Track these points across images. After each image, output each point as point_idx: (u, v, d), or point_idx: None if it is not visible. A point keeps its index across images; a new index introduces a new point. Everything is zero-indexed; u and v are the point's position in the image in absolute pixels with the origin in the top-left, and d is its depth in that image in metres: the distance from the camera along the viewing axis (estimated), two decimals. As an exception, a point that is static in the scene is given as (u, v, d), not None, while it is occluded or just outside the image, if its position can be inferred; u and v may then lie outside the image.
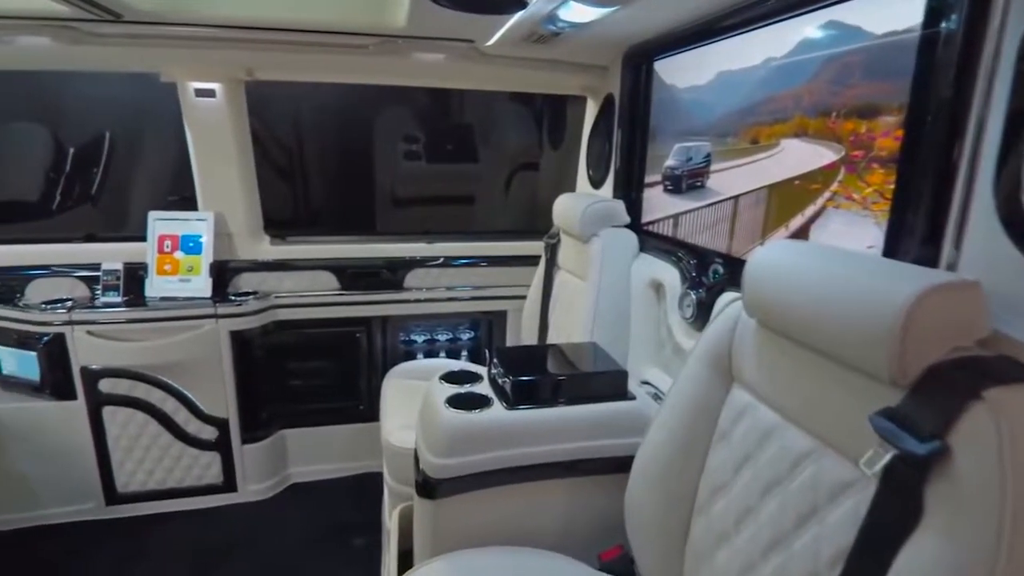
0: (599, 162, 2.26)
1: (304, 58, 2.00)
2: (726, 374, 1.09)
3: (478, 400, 1.36)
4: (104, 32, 1.75)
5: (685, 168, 1.72)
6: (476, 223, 3.24)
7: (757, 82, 1.40)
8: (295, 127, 2.92)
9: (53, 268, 2.19)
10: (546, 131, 3.08)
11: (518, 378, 1.35)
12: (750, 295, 0.98)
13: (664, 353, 1.73)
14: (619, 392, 1.40)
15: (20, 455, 2.12)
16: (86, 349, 2.08)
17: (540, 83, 2.37)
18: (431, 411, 1.34)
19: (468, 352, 2.66)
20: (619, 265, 1.84)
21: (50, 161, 2.67)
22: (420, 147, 3.12)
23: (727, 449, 1.06)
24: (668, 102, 1.84)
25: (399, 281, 2.47)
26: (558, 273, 2.17)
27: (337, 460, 2.52)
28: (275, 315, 2.33)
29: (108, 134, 2.67)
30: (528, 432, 1.31)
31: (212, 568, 2.03)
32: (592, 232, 1.88)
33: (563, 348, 1.58)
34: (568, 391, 1.37)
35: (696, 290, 1.54)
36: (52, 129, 2.62)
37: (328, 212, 3.12)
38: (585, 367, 1.48)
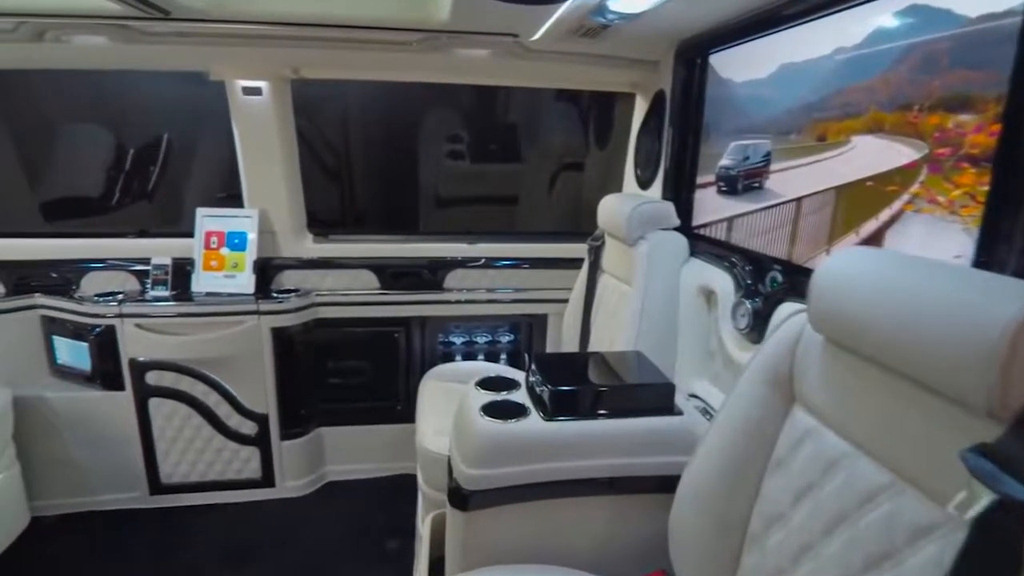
0: (647, 162, 2.16)
1: (348, 56, 1.98)
2: (786, 394, 0.99)
3: (514, 409, 1.29)
4: (156, 31, 1.78)
5: (741, 168, 1.61)
6: (519, 224, 3.19)
7: (825, 74, 1.29)
8: (341, 126, 2.94)
9: (108, 261, 2.25)
10: (592, 130, 2.99)
11: (557, 387, 1.28)
12: (818, 307, 0.88)
13: (714, 365, 1.62)
14: (665, 406, 1.31)
15: (72, 442, 2.19)
16: (134, 342, 2.13)
17: (587, 79, 2.30)
18: (465, 419, 1.29)
19: (507, 355, 2.60)
20: (667, 270, 1.74)
21: (112, 160, 2.77)
22: (464, 147, 3.09)
23: (785, 476, 0.97)
24: (724, 98, 1.73)
25: (439, 281, 2.43)
26: (602, 277, 2.09)
27: (374, 460, 2.51)
28: (316, 313, 2.33)
29: (166, 135, 2.75)
30: (566, 445, 1.24)
31: (247, 562, 2.04)
32: (639, 235, 1.79)
33: (606, 357, 1.50)
34: (610, 403, 1.29)
35: (752, 299, 1.44)
36: (115, 131, 2.72)
37: (372, 211, 3.13)
38: (629, 378, 1.40)
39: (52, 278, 2.21)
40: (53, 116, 2.68)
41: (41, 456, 2.15)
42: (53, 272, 2.21)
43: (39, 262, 2.21)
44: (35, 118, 2.67)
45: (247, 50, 1.92)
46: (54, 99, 2.65)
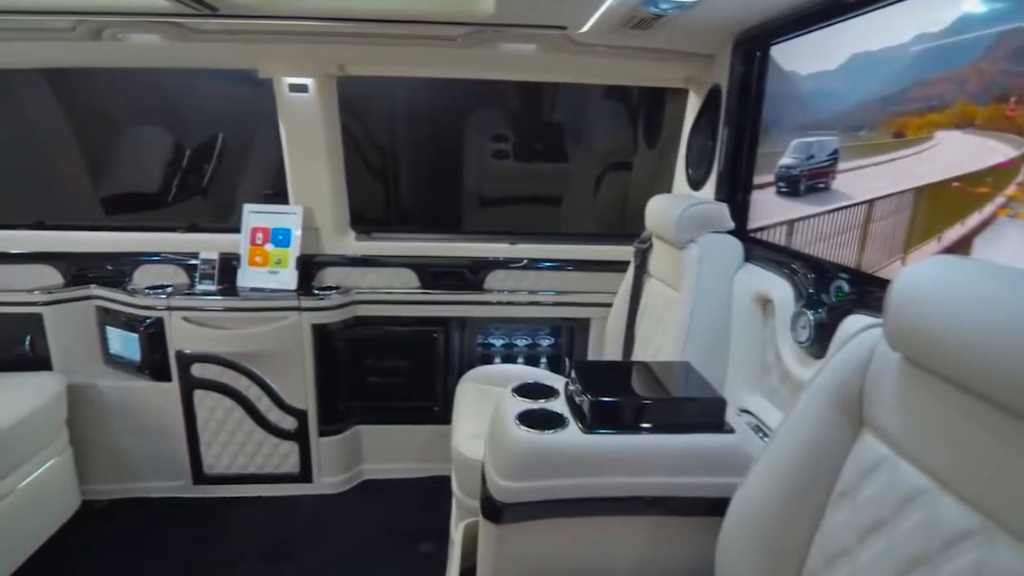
0: (700, 161, 2.05)
1: (393, 52, 1.96)
2: (854, 417, 0.89)
3: (552, 419, 1.23)
4: (206, 28, 1.81)
5: (805, 167, 1.49)
6: (562, 225, 3.11)
7: (905, 63, 1.16)
8: (387, 125, 2.93)
9: (160, 255, 2.31)
10: (641, 128, 2.88)
11: (598, 398, 1.21)
12: (897, 323, 0.78)
13: (769, 380, 1.51)
14: (715, 423, 1.22)
15: (121, 430, 2.26)
16: (181, 334, 2.18)
17: (637, 74, 2.20)
18: (500, 428, 1.23)
19: (547, 360, 2.53)
20: (720, 276, 1.64)
21: (170, 158, 2.85)
22: (509, 146, 3.04)
23: (851, 509, 0.87)
24: (786, 92, 1.61)
25: (479, 282, 2.39)
26: (648, 281, 1.99)
27: (410, 460, 2.49)
28: (356, 311, 2.33)
29: (221, 135, 2.82)
30: (606, 460, 1.16)
31: (282, 558, 2.05)
32: (689, 237, 1.69)
33: (651, 366, 1.42)
34: (655, 417, 1.21)
35: (814, 310, 1.32)
36: (174, 131, 2.81)
37: (415, 210, 3.12)
38: (676, 390, 1.31)
39: (107, 270, 2.28)
40: (116, 116, 2.78)
41: (92, 442, 2.22)
42: (109, 264, 2.29)
43: (96, 254, 2.29)
44: (99, 118, 2.77)
45: (293, 47, 1.93)
46: (117, 100, 2.75)
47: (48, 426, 2.02)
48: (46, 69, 2.48)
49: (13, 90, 2.55)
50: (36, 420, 1.94)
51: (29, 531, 1.91)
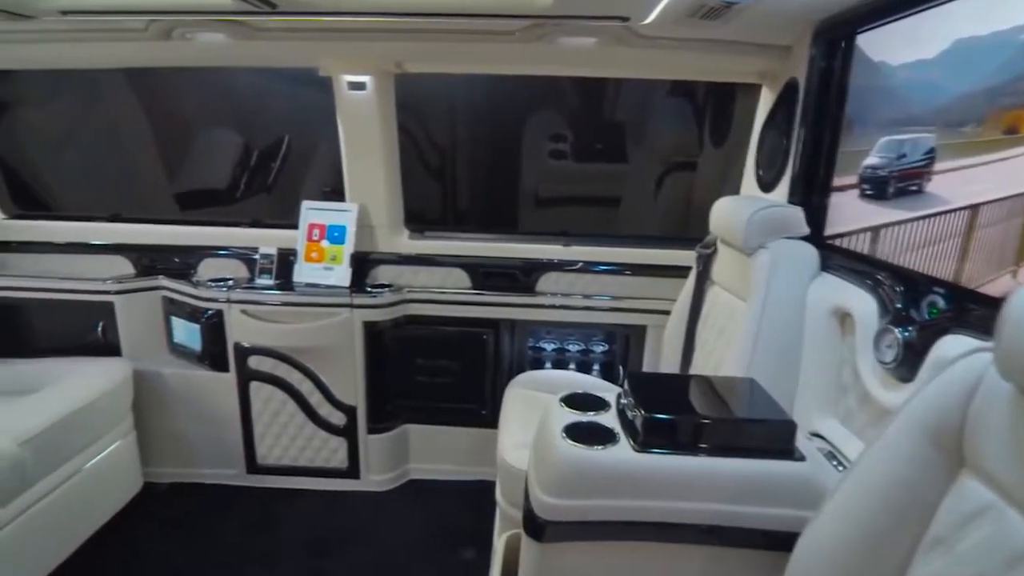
0: (772, 161, 1.91)
1: (450, 47, 1.93)
2: (953, 455, 0.77)
3: (602, 434, 1.15)
4: (268, 27, 1.83)
5: (895, 167, 1.34)
6: (620, 227, 3.01)
7: (1018, 50, 1.01)
8: (443, 124, 2.92)
9: (227, 249, 2.38)
10: (708, 126, 2.74)
11: (653, 414, 1.12)
12: (1013, 348, 0.66)
13: (846, 402, 1.37)
14: (783, 448, 1.11)
15: (182, 417, 2.34)
16: (240, 327, 2.23)
17: (705, 69, 2.08)
18: (546, 440, 1.16)
19: (600, 367, 2.44)
20: (792, 285, 1.50)
21: (240, 157, 2.96)
22: (566, 146, 2.96)
23: (946, 560, 0.75)
24: (873, 85, 1.46)
25: (531, 284, 2.33)
26: (711, 289, 1.87)
27: (457, 463, 2.46)
28: (407, 309, 2.32)
29: (287, 136, 2.90)
30: (659, 482, 1.07)
31: (327, 551, 2.06)
32: (759, 243, 1.56)
33: (712, 382, 1.31)
34: (715, 438, 1.10)
35: (902, 327, 1.18)
36: (244, 132, 2.91)
37: (470, 209, 3.10)
38: (739, 410, 1.20)
39: (175, 262, 2.37)
40: (192, 117, 2.91)
41: (155, 427, 2.32)
42: (176, 257, 2.38)
43: (165, 247, 2.38)
44: (177, 118, 2.91)
45: (352, 44, 1.93)
46: (194, 102, 2.88)
47: (115, 410, 2.11)
48: (129, 71, 2.61)
49: (100, 89, 2.71)
50: (104, 403, 2.03)
51: (94, 509, 2.00)
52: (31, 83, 2.53)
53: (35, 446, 1.71)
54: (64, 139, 2.72)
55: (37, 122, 2.64)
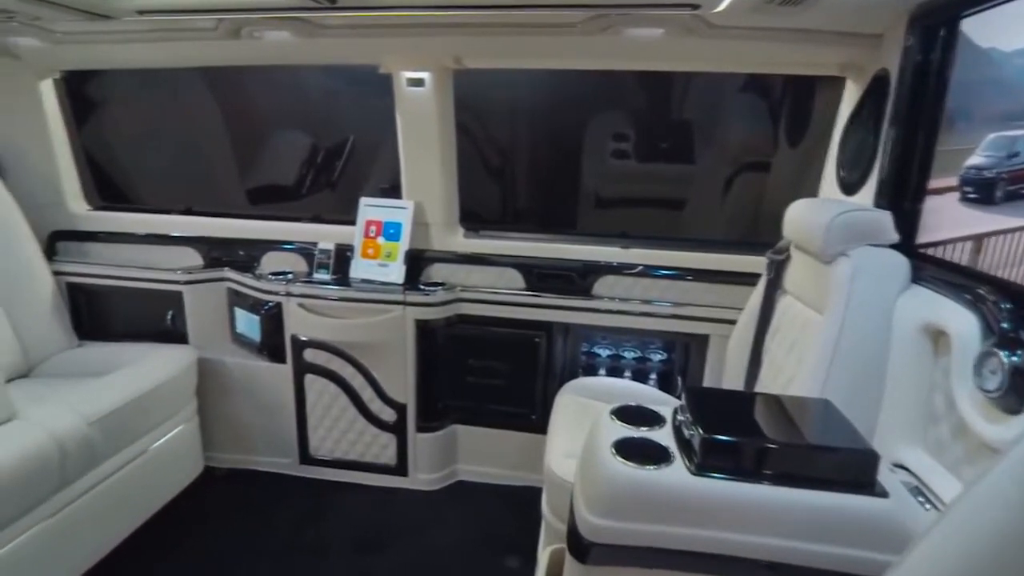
0: (856, 161, 1.75)
1: (509, 42, 1.88)
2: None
3: (655, 452, 1.06)
4: (330, 23, 1.85)
5: (1004, 168, 1.18)
6: (684, 230, 2.87)
7: None
8: (503, 122, 2.88)
9: (289, 243, 2.43)
10: (784, 123, 2.56)
11: (712, 434, 1.02)
12: None
13: (937, 432, 1.22)
14: (861, 480, 0.98)
15: (242, 405, 2.42)
16: (296, 320, 2.27)
17: (783, 61, 1.93)
18: (593, 455, 1.09)
19: (657, 377, 2.33)
20: (876, 297, 1.35)
21: (307, 156, 3.04)
22: (629, 145, 2.86)
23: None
24: (981, 75, 1.30)
25: (587, 287, 2.25)
26: (782, 298, 1.73)
27: (505, 466, 2.41)
28: (459, 308, 2.29)
29: (352, 137, 2.95)
30: (717, 511, 0.98)
31: (373, 548, 2.06)
32: (839, 250, 1.42)
33: (782, 401, 1.19)
34: (782, 465, 1.00)
35: (1010, 351, 1.03)
36: (313, 133, 2.98)
37: (527, 208, 3.05)
38: (812, 435, 1.08)
39: (240, 255, 2.45)
40: (264, 117, 3.01)
41: (216, 414, 2.40)
42: (241, 250, 2.45)
43: (231, 240, 2.46)
44: (250, 119, 3.02)
45: (411, 40, 1.92)
46: (266, 103, 2.98)
47: (180, 395, 2.19)
48: (206, 73, 2.73)
49: (179, 89, 2.84)
50: (170, 388, 2.11)
51: (157, 489, 2.09)
52: (118, 83, 2.69)
53: (104, 426, 1.80)
54: (145, 136, 2.87)
55: (122, 120, 2.80)
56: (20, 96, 2.30)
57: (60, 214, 2.48)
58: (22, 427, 1.62)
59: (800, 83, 2.39)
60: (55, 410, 1.72)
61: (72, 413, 1.73)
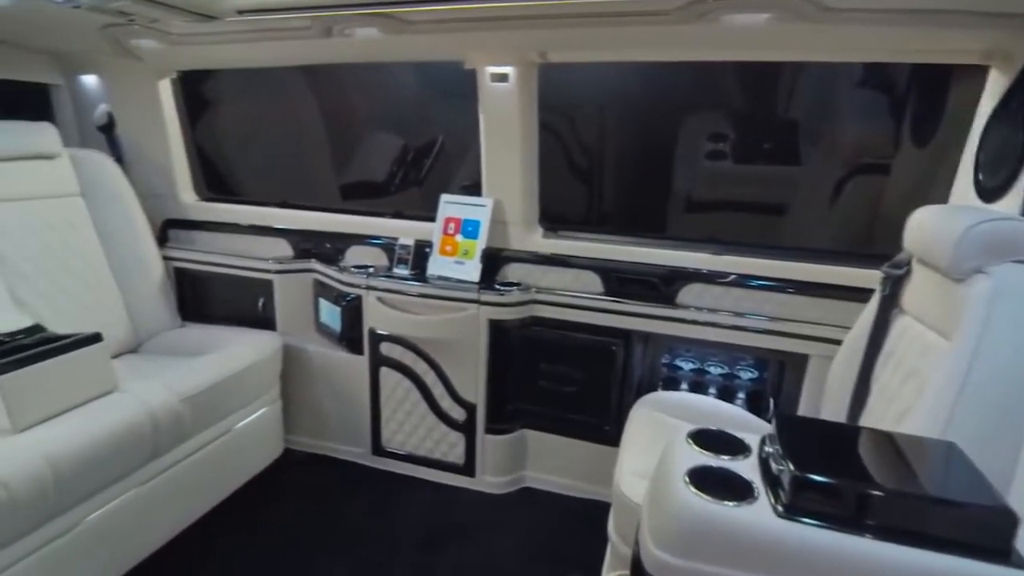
0: (1000, 163, 1.49)
1: (597, 33, 1.79)
2: None
3: (736, 486, 0.94)
4: (417, 19, 1.84)
5: None
6: (786, 238, 2.63)
7: None
8: (590, 119, 2.78)
9: (381, 238, 2.47)
10: (909, 121, 2.26)
11: (807, 471, 0.89)
12: None
13: (1101, 493, 0.99)
14: (993, 546, 0.81)
15: (321, 392, 2.50)
16: (375, 313, 2.31)
17: (912, 48, 1.69)
18: (665, 482, 0.98)
19: (745, 396, 2.13)
20: (1022, 325, 1.14)
21: (398, 155, 3.11)
22: (727, 146, 2.66)
23: None
24: None
25: (671, 295, 2.11)
26: (899, 318, 1.51)
27: (574, 476, 2.32)
28: (533, 310, 2.23)
29: (441, 137, 2.98)
30: (806, 561, 0.85)
31: (436, 548, 2.05)
32: (975, 266, 1.20)
33: (895, 440, 1.02)
34: (891, 516, 0.85)
35: None
36: (404, 134, 3.05)
37: (615, 211, 2.93)
38: (931, 483, 0.92)
39: (326, 248, 2.53)
40: (360, 119, 3.12)
41: (298, 399, 2.50)
42: (328, 243, 2.53)
43: (319, 233, 2.55)
44: (347, 119, 3.13)
45: (495, 34, 1.88)
46: (363, 105, 3.09)
47: (265, 378, 2.30)
48: (307, 74, 2.86)
49: (282, 88, 3.00)
50: (257, 371, 2.22)
51: (239, 467, 2.19)
52: (227, 83, 2.87)
53: (194, 403, 1.91)
54: (250, 133, 3.05)
55: (230, 118, 2.99)
56: (142, 95, 2.52)
57: (172, 204, 2.69)
58: (121, 399, 1.75)
59: (931, 74, 2.09)
60: (151, 385, 1.84)
61: (166, 389, 1.85)
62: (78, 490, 1.56)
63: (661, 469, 1.03)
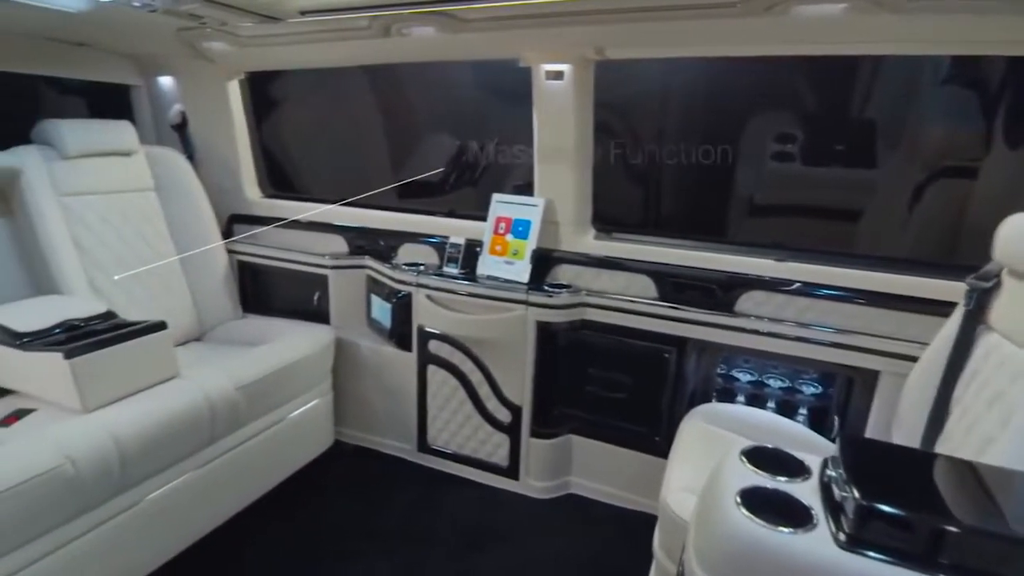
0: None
1: (657, 28, 1.72)
2: None
3: (792, 511, 0.87)
4: (473, 17, 1.83)
5: None
6: (857, 245, 2.46)
7: None
8: (648, 118, 2.70)
9: (436, 237, 2.48)
10: (1002, 120, 2.07)
11: (875, 500, 0.81)
12: None
13: None
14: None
15: (372, 387, 2.54)
16: (424, 311, 2.32)
17: (1005, 39, 1.53)
18: (714, 501, 0.92)
19: (807, 413, 2.00)
20: None
21: (454, 155, 3.13)
22: (796, 147, 2.52)
23: None
24: None
25: (730, 302, 2.01)
26: (985, 336, 1.37)
27: (621, 486, 2.26)
28: (583, 313, 2.18)
29: (496, 139, 2.98)
30: (871, 600, 0.77)
31: (477, 547, 2.04)
32: (1080, 280, 1.08)
33: (977, 470, 0.92)
34: (970, 556, 0.76)
35: None
36: (461, 135, 3.07)
37: (673, 213, 2.83)
38: (1019, 523, 0.81)
39: (380, 245, 2.57)
40: (418, 120, 3.16)
41: (348, 392, 2.55)
42: (381, 240, 2.57)
43: (374, 230, 2.59)
44: (405, 120, 3.18)
45: (551, 31, 1.84)
46: (422, 107, 3.12)
47: (318, 371, 2.35)
48: (367, 74, 2.91)
49: (343, 90, 3.07)
50: (310, 364, 2.27)
51: (291, 456, 2.26)
52: (291, 83, 2.97)
53: (249, 392, 1.97)
54: (312, 132, 3.14)
55: (292, 117, 3.09)
56: (212, 95, 2.63)
57: (238, 199, 2.80)
58: (182, 385, 1.83)
59: (1029, 68, 1.91)
60: (211, 373, 1.91)
61: (224, 377, 1.92)
62: (140, 469, 1.64)
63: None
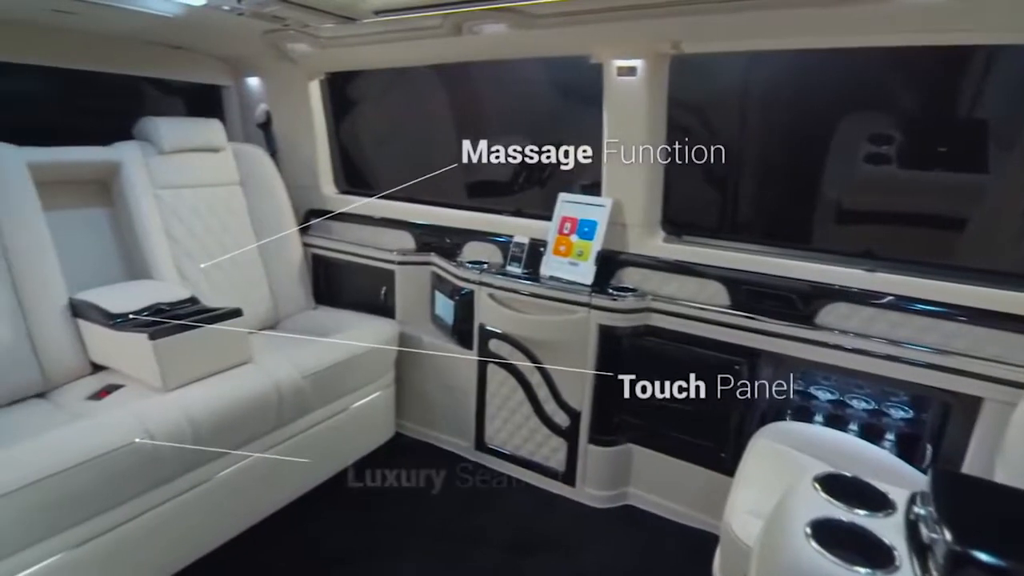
0: None
1: (737, 19, 1.62)
2: None
3: (871, 549, 0.78)
4: (544, 13, 1.80)
5: None
6: (961, 256, 2.23)
7: None
8: (728, 116, 2.56)
9: (503, 236, 2.47)
10: None
11: (970, 545, 0.71)
12: None
13: None
14: None
15: (432, 382, 2.57)
16: (486, 309, 2.32)
17: None
18: (782, 530, 0.84)
19: (894, 439, 1.83)
20: None
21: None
22: (892, 148, 2.31)
23: None
24: None
25: (810, 314, 1.86)
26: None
27: (682, 502, 2.16)
28: (648, 319, 2.10)
29: (561, 139, 2.94)
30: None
31: (527, 551, 2.02)
32: None
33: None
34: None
35: None
36: (531, 136, 3.04)
37: (753, 217, 2.67)
38: None
39: (445, 242, 2.59)
40: (490, 120, 3.17)
41: (410, 385, 2.59)
42: (447, 238, 2.59)
43: (440, 228, 2.62)
44: (478, 120, 3.20)
45: (624, 24, 1.79)
46: (493, 107, 3.13)
47: (382, 363, 2.41)
48: (441, 74, 2.95)
49: (417, 90, 3.13)
50: (374, 356, 2.33)
51: (353, 444, 2.32)
52: (367, 83, 3.06)
53: (315, 380, 2.04)
54: (387, 131, 3.22)
55: (369, 116, 3.18)
56: (295, 95, 2.75)
57: (315, 195, 2.92)
58: (253, 370, 1.92)
59: None
60: (280, 360, 2.00)
61: (292, 365, 1.99)
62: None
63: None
